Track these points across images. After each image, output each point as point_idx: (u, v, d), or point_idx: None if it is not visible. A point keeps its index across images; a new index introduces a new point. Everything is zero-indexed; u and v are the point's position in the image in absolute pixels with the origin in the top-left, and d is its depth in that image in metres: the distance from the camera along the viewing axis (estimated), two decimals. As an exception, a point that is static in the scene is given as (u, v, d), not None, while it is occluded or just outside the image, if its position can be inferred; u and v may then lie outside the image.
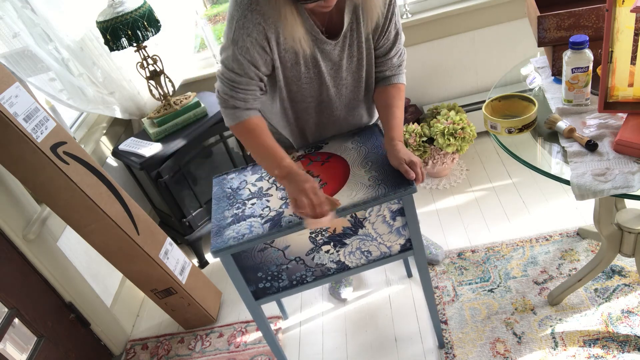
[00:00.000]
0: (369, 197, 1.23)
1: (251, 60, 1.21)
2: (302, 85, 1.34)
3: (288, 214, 1.26)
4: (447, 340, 1.76)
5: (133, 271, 1.88)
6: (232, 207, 1.36)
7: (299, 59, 1.28)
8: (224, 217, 1.34)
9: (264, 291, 1.40)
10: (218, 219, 1.34)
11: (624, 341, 1.58)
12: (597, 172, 1.17)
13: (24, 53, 1.97)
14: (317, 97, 1.39)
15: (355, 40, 1.31)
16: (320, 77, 1.34)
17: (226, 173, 1.53)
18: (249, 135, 1.28)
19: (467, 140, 2.32)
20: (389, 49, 1.37)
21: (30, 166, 1.58)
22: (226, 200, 1.40)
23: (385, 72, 1.42)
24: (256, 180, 1.44)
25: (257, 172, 1.48)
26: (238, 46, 1.19)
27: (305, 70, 1.31)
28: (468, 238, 2.14)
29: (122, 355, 2.11)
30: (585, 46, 1.29)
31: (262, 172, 1.48)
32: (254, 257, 1.30)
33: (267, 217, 1.27)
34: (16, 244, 1.73)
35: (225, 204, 1.39)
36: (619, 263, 1.82)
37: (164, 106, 2.25)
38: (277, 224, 1.24)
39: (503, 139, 1.39)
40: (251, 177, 1.47)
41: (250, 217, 1.30)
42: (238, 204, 1.37)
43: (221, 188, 1.47)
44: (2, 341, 1.62)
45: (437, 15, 2.33)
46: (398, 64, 1.42)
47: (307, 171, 1.37)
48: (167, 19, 2.23)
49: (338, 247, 1.33)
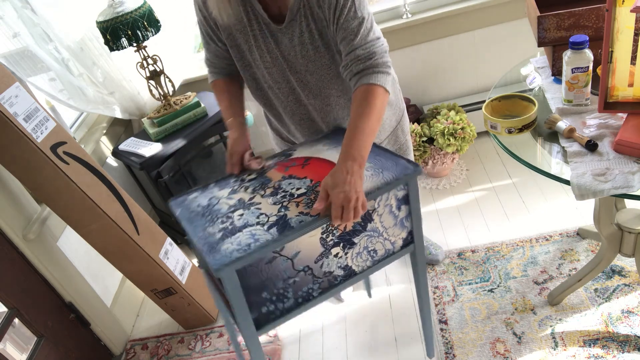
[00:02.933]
0: (381, 183, 1.16)
1: (204, 30, 1.35)
2: (264, 70, 1.34)
3: (293, 214, 1.13)
4: (447, 340, 1.76)
5: (133, 271, 1.88)
6: (215, 223, 1.17)
7: (250, 41, 1.29)
8: (210, 233, 1.14)
9: (267, 317, 1.19)
10: (202, 237, 1.14)
11: (624, 341, 1.58)
12: (597, 172, 1.17)
13: (24, 53, 1.97)
14: (285, 84, 1.37)
15: (308, 28, 1.23)
16: (278, 63, 1.32)
17: (186, 193, 1.34)
18: (215, 92, 1.45)
19: (467, 140, 2.32)
20: (350, 39, 1.20)
21: (30, 166, 1.58)
22: (201, 218, 1.21)
23: (351, 66, 1.22)
24: (230, 194, 1.27)
25: (226, 187, 1.31)
26: (198, 19, 1.35)
27: (261, 55, 1.31)
28: (468, 238, 2.14)
29: (122, 355, 2.11)
30: (585, 46, 1.29)
31: (232, 185, 1.31)
32: (261, 271, 1.13)
33: (269, 222, 1.13)
34: (16, 244, 1.73)
35: (202, 222, 1.19)
36: (619, 263, 1.82)
37: (164, 106, 2.25)
38: (286, 226, 1.10)
39: (503, 139, 1.39)
40: (220, 192, 1.29)
41: (245, 227, 1.13)
42: (221, 219, 1.18)
43: (187, 209, 1.27)
44: (2, 341, 1.62)
45: (437, 15, 2.33)
46: (366, 57, 1.20)
47: (289, 176, 1.28)
48: (167, 19, 2.23)
49: (347, 248, 1.23)
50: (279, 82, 1.36)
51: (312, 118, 1.44)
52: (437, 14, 2.33)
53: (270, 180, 1.29)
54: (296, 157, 1.37)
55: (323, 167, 1.28)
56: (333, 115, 1.44)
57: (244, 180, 1.32)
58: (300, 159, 1.36)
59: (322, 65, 1.30)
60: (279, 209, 1.18)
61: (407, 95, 2.61)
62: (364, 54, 1.20)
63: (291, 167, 1.33)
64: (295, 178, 1.27)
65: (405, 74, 2.55)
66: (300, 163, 1.34)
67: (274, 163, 1.37)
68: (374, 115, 1.17)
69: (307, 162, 1.34)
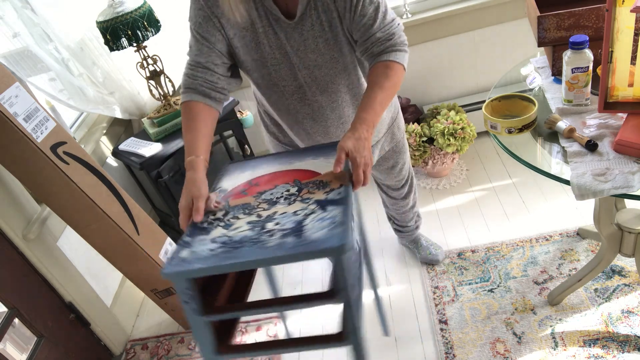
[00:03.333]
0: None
1: (202, 34, 1.24)
2: (270, 68, 1.31)
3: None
4: (447, 340, 1.76)
5: (133, 271, 1.88)
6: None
7: (261, 38, 1.26)
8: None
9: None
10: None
11: (624, 341, 1.58)
12: (597, 172, 1.17)
13: (24, 53, 1.97)
14: (292, 82, 1.35)
15: (318, 20, 1.23)
16: (287, 59, 1.30)
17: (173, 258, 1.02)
18: (184, 117, 1.25)
19: (467, 140, 2.32)
20: (369, 25, 1.23)
21: (30, 166, 1.58)
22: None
23: (372, 49, 1.26)
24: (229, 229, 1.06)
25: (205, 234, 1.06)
26: (193, 21, 1.24)
27: (270, 52, 1.28)
28: (468, 238, 2.14)
29: (122, 355, 2.11)
30: (585, 46, 1.29)
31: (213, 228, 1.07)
32: None
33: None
34: (16, 244, 1.73)
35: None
36: (619, 263, 1.82)
37: (164, 106, 2.25)
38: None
39: (503, 139, 1.39)
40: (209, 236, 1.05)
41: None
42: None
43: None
44: (2, 341, 1.62)
45: (437, 15, 2.33)
46: (386, 39, 1.24)
47: (263, 191, 1.16)
48: (167, 19, 2.23)
49: None
50: (285, 79, 1.34)
51: (314, 117, 1.44)
52: (437, 14, 2.33)
53: (249, 205, 1.12)
54: (244, 183, 1.22)
55: (300, 173, 1.19)
56: (338, 113, 1.44)
57: (221, 220, 1.09)
58: (245, 183, 1.21)
59: (330, 59, 1.31)
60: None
61: (407, 95, 2.61)
62: (383, 36, 1.24)
63: (250, 188, 1.19)
64: (271, 190, 1.15)
65: (406, 74, 2.53)
66: (248, 186, 1.20)
67: (229, 194, 1.19)
68: (390, 88, 1.21)
69: (255, 181, 1.21)
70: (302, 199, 1.10)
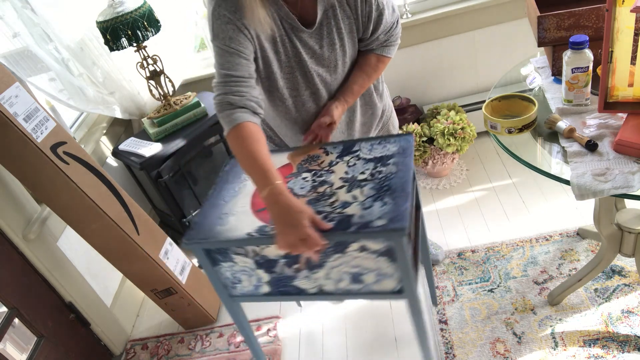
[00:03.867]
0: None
1: (236, 48, 1.17)
2: (285, 74, 1.32)
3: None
4: (447, 340, 1.76)
5: (133, 271, 1.88)
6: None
7: (278, 47, 1.26)
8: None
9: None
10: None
11: (624, 341, 1.58)
12: (597, 172, 1.17)
13: (24, 53, 1.97)
14: (308, 86, 1.36)
15: (334, 27, 1.28)
16: (303, 66, 1.31)
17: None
18: (241, 142, 1.14)
19: (467, 140, 2.32)
20: (372, 30, 1.34)
21: (30, 166, 1.58)
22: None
23: (372, 45, 1.38)
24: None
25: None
26: (220, 38, 1.17)
27: (286, 59, 1.29)
28: (468, 238, 2.14)
29: (122, 355, 2.11)
30: (585, 46, 1.29)
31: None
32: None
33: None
34: (16, 244, 1.73)
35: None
36: (619, 263, 1.82)
37: (164, 106, 2.25)
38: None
39: (503, 139, 1.39)
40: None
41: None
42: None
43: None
44: (2, 341, 1.62)
45: (437, 15, 2.33)
46: (386, 38, 1.38)
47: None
48: (167, 19, 2.23)
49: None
50: (297, 89, 1.35)
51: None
52: (437, 14, 2.33)
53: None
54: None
55: None
56: (348, 114, 1.48)
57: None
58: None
59: (342, 63, 1.37)
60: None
61: (407, 95, 2.61)
62: (385, 37, 1.39)
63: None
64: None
65: (405, 74, 2.55)
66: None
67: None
68: (374, 78, 1.43)
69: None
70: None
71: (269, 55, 1.26)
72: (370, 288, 1.20)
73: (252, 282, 1.27)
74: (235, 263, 1.23)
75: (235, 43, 1.17)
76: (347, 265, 1.16)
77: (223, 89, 1.18)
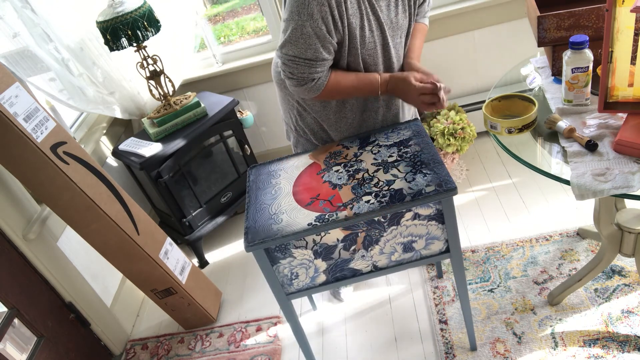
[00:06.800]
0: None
1: (328, 29, 1.26)
2: (368, 50, 1.37)
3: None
4: (447, 340, 1.76)
5: (133, 271, 1.88)
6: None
7: (364, 23, 1.31)
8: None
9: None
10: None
11: (624, 341, 1.58)
12: (597, 172, 1.17)
13: (24, 53, 1.97)
14: (384, 60, 1.43)
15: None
16: (383, 38, 1.38)
17: None
18: (338, 88, 1.37)
19: (467, 140, 2.32)
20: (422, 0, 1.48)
21: (30, 166, 1.58)
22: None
23: (419, 15, 1.52)
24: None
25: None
26: (314, 19, 1.23)
27: (370, 34, 1.34)
28: (468, 238, 2.14)
29: (122, 355, 2.11)
30: (585, 46, 1.29)
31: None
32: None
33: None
34: (16, 244, 1.73)
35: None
36: (619, 263, 1.82)
37: (164, 106, 2.25)
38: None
39: (503, 139, 1.39)
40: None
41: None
42: None
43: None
44: (2, 341, 1.62)
45: (437, 15, 2.33)
46: (426, 10, 1.54)
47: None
48: (167, 19, 2.23)
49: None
50: (376, 63, 1.41)
51: (375, 108, 1.52)
52: (437, 14, 2.33)
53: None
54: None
55: None
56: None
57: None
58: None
59: (407, 33, 1.47)
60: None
61: (407, 95, 2.61)
62: (427, 8, 1.56)
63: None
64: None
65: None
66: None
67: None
68: (421, 41, 1.57)
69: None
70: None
71: (356, 32, 1.32)
72: (420, 253, 1.36)
73: (309, 274, 1.37)
74: (294, 257, 1.32)
75: (326, 20, 1.25)
76: (401, 236, 1.30)
77: (307, 69, 1.32)
